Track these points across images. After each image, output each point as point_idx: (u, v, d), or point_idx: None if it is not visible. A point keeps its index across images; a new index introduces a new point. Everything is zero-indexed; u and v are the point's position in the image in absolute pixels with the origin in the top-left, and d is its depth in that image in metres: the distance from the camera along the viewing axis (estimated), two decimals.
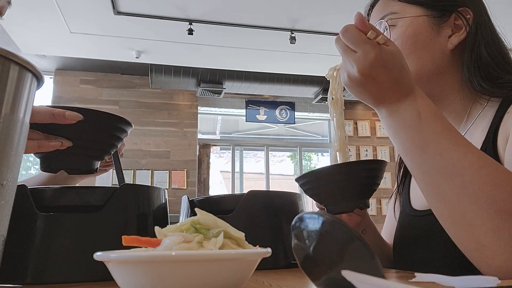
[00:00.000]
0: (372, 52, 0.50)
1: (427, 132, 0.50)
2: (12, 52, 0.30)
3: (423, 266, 0.64)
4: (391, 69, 0.51)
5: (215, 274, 0.34)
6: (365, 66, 0.50)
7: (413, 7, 0.65)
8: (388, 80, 0.51)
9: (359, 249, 0.31)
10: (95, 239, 0.55)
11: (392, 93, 0.52)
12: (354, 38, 0.51)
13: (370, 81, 0.51)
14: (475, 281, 0.34)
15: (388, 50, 0.50)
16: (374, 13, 0.71)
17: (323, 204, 0.65)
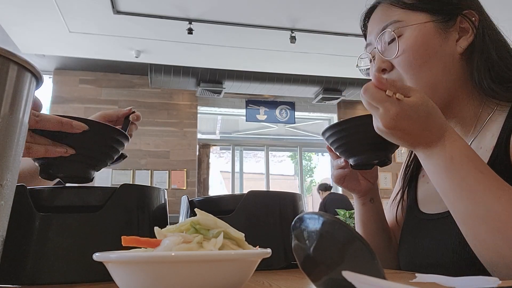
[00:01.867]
0: (393, 108, 0.51)
1: (459, 176, 0.51)
2: (11, 51, 0.30)
3: (430, 269, 0.63)
4: (416, 120, 0.52)
5: (215, 274, 0.34)
6: (388, 121, 0.52)
7: (418, 14, 0.64)
8: (416, 128, 0.52)
9: (360, 250, 0.31)
10: (94, 239, 0.55)
11: (423, 139, 0.53)
12: (374, 96, 0.52)
13: (398, 132, 0.53)
14: (475, 282, 0.34)
15: (409, 103, 0.51)
16: (372, 21, 0.70)
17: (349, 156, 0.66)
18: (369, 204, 0.78)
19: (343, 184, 0.75)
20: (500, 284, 0.33)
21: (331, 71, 4.65)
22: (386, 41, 0.65)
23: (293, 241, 0.36)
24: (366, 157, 0.63)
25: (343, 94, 5.08)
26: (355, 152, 0.64)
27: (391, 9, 0.66)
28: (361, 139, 0.62)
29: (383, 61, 0.66)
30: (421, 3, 0.64)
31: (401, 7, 0.65)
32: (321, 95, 5.05)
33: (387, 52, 0.65)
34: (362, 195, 0.78)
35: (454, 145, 0.53)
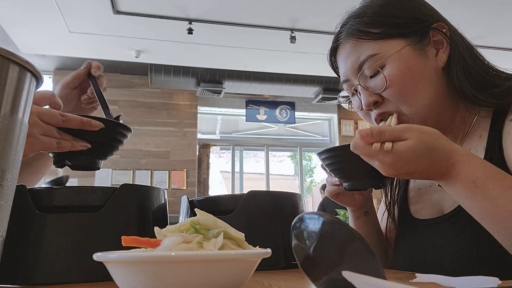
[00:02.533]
0: (387, 159, 0.51)
1: (487, 199, 0.49)
2: (11, 52, 0.29)
3: None
4: (416, 161, 0.50)
5: (215, 274, 0.34)
6: (388, 171, 0.52)
7: (391, 42, 0.62)
8: (420, 168, 0.51)
9: (359, 250, 0.31)
10: (94, 239, 0.55)
11: (434, 173, 0.52)
12: (364, 153, 0.52)
13: (405, 175, 0.52)
14: (475, 282, 0.34)
15: (403, 148, 0.50)
16: (343, 57, 0.67)
17: (343, 180, 0.66)
18: (364, 217, 0.78)
19: (338, 199, 0.75)
20: (500, 284, 0.33)
21: (331, 71, 4.64)
22: (367, 76, 0.63)
23: (293, 241, 0.36)
24: (360, 183, 0.63)
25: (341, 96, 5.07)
26: (349, 177, 0.64)
27: (360, 43, 0.64)
28: (357, 167, 0.61)
29: (372, 95, 0.64)
30: (390, 30, 0.62)
31: (371, 40, 0.63)
32: (321, 95, 5.05)
33: (373, 87, 0.63)
34: (356, 209, 0.77)
35: (470, 168, 0.50)
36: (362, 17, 0.65)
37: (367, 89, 0.64)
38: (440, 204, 0.67)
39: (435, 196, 0.68)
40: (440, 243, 0.62)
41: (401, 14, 0.63)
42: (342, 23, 0.69)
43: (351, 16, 0.67)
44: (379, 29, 0.62)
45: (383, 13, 0.63)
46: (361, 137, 0.51)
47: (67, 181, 0.95)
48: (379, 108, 0.64)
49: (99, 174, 4.35)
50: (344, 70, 0.68)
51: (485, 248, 0.56)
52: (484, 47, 3.80)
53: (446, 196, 0.66)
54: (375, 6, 0.65)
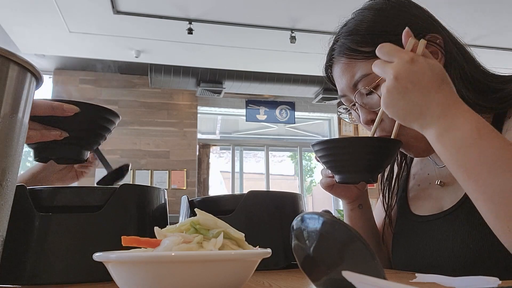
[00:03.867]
0: (408, 56, 0.49)
1: (491, 148, 0.45)
2: (11, 52, 0.30)
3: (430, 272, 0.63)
4: (429, 75, 0.48)
5: (214, 274, 0.34)
6: (401, 69, 0.48)
7: None
8: (427, 85, 0.48)
9: (359, 249, 0.31)
10: (94, 239, 0.55)
11: (436, 101, 0.48)
12: (390, 48, 0.51)
13: (408, 86, 0.48)
14: (475, 282, 0.34)
15: (426, 59, 0.49)
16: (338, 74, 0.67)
17: (334, 172, 0.66)
18: (358, 210, 0.78)
19: (332, 191, 0.75)
20: (500, 284, 0.33)
21: None
22: (363, 94, 0.63)
23: (293, 241, 0.36)
24: (351, 177, 0.63)
25: None
26: (340, 170, 0.64)
27: (353, 63, 0.63)
28: (348, 160, 0.62)
29: (369, 112, 0.64)
30: None
31: (363, 59, 0.62)
32: (321, 95, 5.05)
33: (370, 104, 0.63)
34: (350, 201, 0.77)
35: (477, 116, 0.47)
36: (354, 35, 0.64)
37: (365, 106, 0.64)
38: (439, 200, 0.67)
39: (434, 193, 0.69)
40: (439, 239, 0.63)
41: (393, 30, 0.61)
42: (334, 40, 0.68)
43: (342, 32, 0.66)
44: (370, 48, 0.61)
45: (374, 31, 0.62)
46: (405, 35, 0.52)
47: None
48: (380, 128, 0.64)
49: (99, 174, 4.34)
50: (340, 87, 0.67)
51: (483, 244, 0.56)
52: (484, 47, 3.80)
53: (446, 193, 0.66)
54: (366, 23, 0.63)
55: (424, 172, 0.74)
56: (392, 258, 0.74)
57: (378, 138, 0.64)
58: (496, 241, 0.50)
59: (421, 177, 0.74)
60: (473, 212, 0.58)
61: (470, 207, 0.59)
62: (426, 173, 0.74)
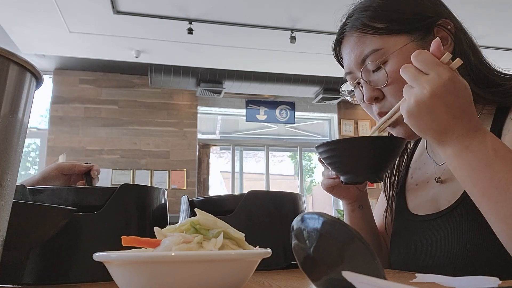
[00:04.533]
0: (447, 74, 0.47)
1: (506, 170, 0.46)
2: (11, 51, 0.29)
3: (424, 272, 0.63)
4: (462, 98, 0.48)
5: (214, 274, 0.34)
6: (438, 86, 0.47)
7: (395, 37, 0.62)
8: (458, 108, 0.48)
9: (360, 249, 0.31)
10: (94, 239, 0.55)
11: (461, 125, 0.48)
12: (428, 59, 0.49)
13: (440, 106, 0.48)
14: (475, 282, 0.34)
15: (460, 78, 0.48)
16: (347, 50, 0.67)
17: (340, 173, 0.66)
18: (358, 210, 0.78)
19: (332, 192, 0.75)
20: (500, 284, 0.33)
21: (331, 71, 4.64)
22: (370, 70, 0.64)
23: (293, 241, 0.36)
24: (358, 177, 0.63)
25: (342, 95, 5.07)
26: (347, 171, 0.64)
27: (364, 37, 0.63)
28: (354, 161, 0.62)
29: (374, 90, 0.64)
30: (394, 25, 0.62)
31: (375, 35, 0.62)
32: (321, 95, 5.05)
33: (376, 82, 0.63)
34: (351, 202, 0.78)
35: (494, 138, 0.48)
36: (367, 11, 0.64)
37: (369, 83, 0.64)
38: (436, 201, 0.67)
39: (432, 193, 0.69)
40: (435, 239, 0.63)
41: (406, 9, 0.63)
42: (348, 15, 0.68)
43: (356, 9, 0.67)
44: (383, 24, 0.62)
45: (388, 8, 0.63)
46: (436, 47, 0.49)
47: None
48: (379, 104, 0.64)
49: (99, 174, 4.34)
50: (348, 62, 0.68)
51: (479, 245, 0.56)
52: (484, 47, 3.78)
53: (443, 193, 0.66)
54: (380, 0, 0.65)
55: (423, 172, 0.74)
56: (390, 257, 0.74)
57: (382, 137, 0.64)
58: (494, 242, 0.50)
59: (420, 176, 0.74)
60: (470, 213, 0.58)
61: (467, 208, 0.59)
62: (425, 172, 0.74)
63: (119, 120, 4.87)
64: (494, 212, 0.47)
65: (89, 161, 0.95)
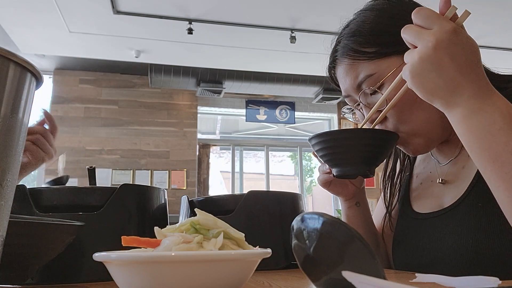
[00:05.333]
0: (450, 25, 0.44)
1: None
2: (11, 51, 0.29)
3: (426, 269, 0.63)
4: (469, 52, 0.45)
5: (215, 274, 0.34)
6: (442, 38, 0.44)
7: (388, 60, 0.61)
8: (465, 63, 0.45)
9: (360, 249, 0.31)
10: (94, 239, 0.55)
11: (471, 84, 0.45)
12: (430, 14, 0.46)
13: (446, 59, 0.44)
14: (475, 282, 0.34)
15: (467, 34, 0.45)
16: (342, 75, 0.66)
17: (332, 166, 0.65)
18: (355, 207, 0.78)
19: (329, 188, 0.75)
20: (500, 284, 0.33)
21: None
22: (367, 94, 0.63)
23: (293, 241, 0.36)
24: (348, 170, 0.63)
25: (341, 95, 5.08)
26: (338, 163, 0.64)
27: (357, 63, 0.63)
28: (345, 152, 0.62)
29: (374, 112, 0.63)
30: (385, 49, 0.61)
31: (366, 59, 0.62)
32: (321, 95, 5.05)
33: (374, 104, 0.63)
34: (347, 198, 0.77)
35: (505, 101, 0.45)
36: (356, 36, 0.63)
37: (369, 106, 0.64)
38: (440, 198, 0.67)
39: (436, 191, 0.69)
40: (439, 236, 0.63)
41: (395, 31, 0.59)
42: (336, 41, 0.68)
43: (344, 34, 0.66)
44: (374, 48, 0.61)
45: (377, 32, 0.62)
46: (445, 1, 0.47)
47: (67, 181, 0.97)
48: (382, 126, 0.64)
49: (99, 174, 4.34)
50: (344, 87, 0.67)
51: (482, 241, 0.56)
52: (484, 47, 3.80)
53: (447, 190, 0.66)
54: (368, 24, 0.63)
55: (427, 171, 0.74)
56: (393, 256, 0.74)
57: (374, 130, 0.64)
58: (494, 238, 0.50)
59: (424, 176, 0.75)
60: (473, 209, 0.58)
61: (470, 204, 0.59)
62: (428, 171, 0.74)
63: (119, 120, 4.87)
64: (505, 180, 0.44)
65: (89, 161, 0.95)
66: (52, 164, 4.51)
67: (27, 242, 0.43)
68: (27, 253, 0.44)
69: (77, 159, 4.57)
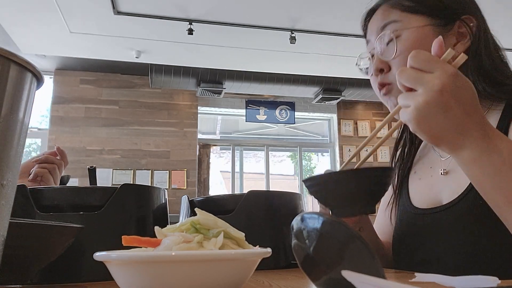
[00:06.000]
0: (452, 69, 0.45)
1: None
2: (12, 52, 0.30)
3: (426, 265, 0.63)
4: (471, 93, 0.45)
5: (215, 274, 0.34)
6: (448, 81, 0.44)
7: (416, 17, 0.64)
8: (470, 104, 0.45)
9: (359, 249, 0.31)
10: (95, 239, 0.55)
11: (476, 124, 0.45)
12: (430, 58, 0.46)
13: (452, 101, 0.44)
14: (475, 281, 0.34)
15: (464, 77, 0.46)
16: (373, 21, 0.70)
17: (329, 207, 0.65)
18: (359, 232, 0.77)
19: None
20: (500, 284, 0.33)
21: (331, 71, 4.65)
22: (385, 42, 0.66)
23: (293, 241, 0.36)
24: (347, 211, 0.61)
25: (343, 94, 5.07)
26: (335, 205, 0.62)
27: (390, 11, 0.67)
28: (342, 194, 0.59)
29: (381, 61, 0.66)
30: (420, 6, 0.65)
31: (400, 10, 0.65)
32: (321, 95, 5.05)
33: (386, 53, 0.66)
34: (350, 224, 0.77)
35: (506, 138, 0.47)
36: None
37: (379, 54, 0.66)
38: (439, 194, 0.67)
39: (435, 187, 0.69)
40: (438, 233, 0.63)
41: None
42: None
43: None
44: (409, 2, 0.65)
45: None
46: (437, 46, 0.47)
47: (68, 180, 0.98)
48: (382, 76, 0.66)
49: (100, 174, 4.34)
50: (370, 30, 0.71)
51: (482, 239, 0.56)
52: None
53: (447, 186, 0.66)
54: None
55: (427, 166, 0.74)
56: (392, 251, 0.74)
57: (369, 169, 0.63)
58: (493, 236, 0.50)
59: (423, 170, 0.74)
60: (472, 208, 0.58)
61: (469, 203, 0.59)
62: (428, 166, 0.73)
63: (119, 120, 4.88)
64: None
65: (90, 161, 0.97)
66: None
67: (27, 244, 0.44)
68: (26, 255, 0.44)
69: (78, 159, 4.58)
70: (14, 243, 0.40)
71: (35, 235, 0.44)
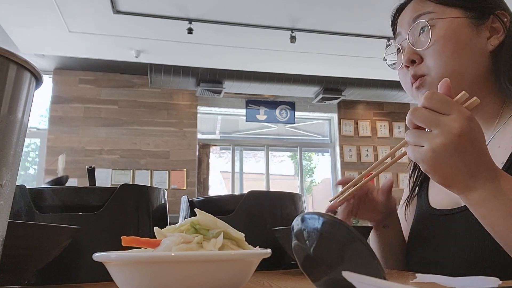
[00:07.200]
0: (467, 112, 0.45)
1: None
2: (11, 51, 0.29)
3: (438, 266, 0.63)
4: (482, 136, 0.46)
5: (214, 275, 0.34)
6: (465, 125, 0.44)
7: (451, 9, 0.65)
8: (482, 145, 0.45)
9: (360, 250, 0.31)
10: (94, 239, 0.55)
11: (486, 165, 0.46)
12: (446, 99, 0.45)
13: (468, 145, 0.44)
14: (476, 282, 0.34)
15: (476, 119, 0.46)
16: (405, 13, 0.70)
17: None
18: (382, 229, 0.76)
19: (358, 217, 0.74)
20: (500, 284, 0.33)
21: (331, 71, 4.65)
22: (417, 33, 0.66)
23: (293, 241, 0.36)
24: None
25: (343, 94, 5.07)
26: None
27: (425, 3, 0.67)
28: None
29: (413, 52, 0.66)
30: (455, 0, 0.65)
31: (435, 2, 0.66)
32: (321, 95, 5.05)
33: (418, 44, 0.65)
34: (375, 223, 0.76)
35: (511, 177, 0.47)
36: None
37: (411, 45, 0.66)
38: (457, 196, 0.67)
39: None
40: (454, 233, 0.63)
41: None
42: None
43: None
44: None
45: None
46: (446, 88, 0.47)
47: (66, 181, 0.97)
48: (415, 68, 0.66)
49: (99, 174, 4.34)
50: (401, 22, 0.71)
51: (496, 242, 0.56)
52: None
53: None
54: None
55: None
56: (407, 249, 0.74)
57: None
58: None
59: None
60: None
61: None
62: None
63: (119, 120, 4.87)
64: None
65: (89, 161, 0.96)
66: (52, 164, 4.51)
67: (24, 244, 0.43)
68: (23, 255, 0.44)
69: (77, 159, 4.57)
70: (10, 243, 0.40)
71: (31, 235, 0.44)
